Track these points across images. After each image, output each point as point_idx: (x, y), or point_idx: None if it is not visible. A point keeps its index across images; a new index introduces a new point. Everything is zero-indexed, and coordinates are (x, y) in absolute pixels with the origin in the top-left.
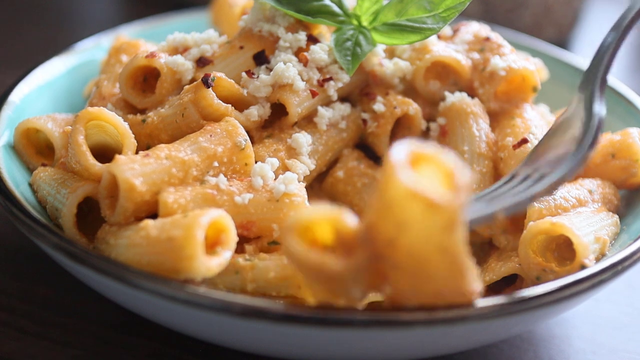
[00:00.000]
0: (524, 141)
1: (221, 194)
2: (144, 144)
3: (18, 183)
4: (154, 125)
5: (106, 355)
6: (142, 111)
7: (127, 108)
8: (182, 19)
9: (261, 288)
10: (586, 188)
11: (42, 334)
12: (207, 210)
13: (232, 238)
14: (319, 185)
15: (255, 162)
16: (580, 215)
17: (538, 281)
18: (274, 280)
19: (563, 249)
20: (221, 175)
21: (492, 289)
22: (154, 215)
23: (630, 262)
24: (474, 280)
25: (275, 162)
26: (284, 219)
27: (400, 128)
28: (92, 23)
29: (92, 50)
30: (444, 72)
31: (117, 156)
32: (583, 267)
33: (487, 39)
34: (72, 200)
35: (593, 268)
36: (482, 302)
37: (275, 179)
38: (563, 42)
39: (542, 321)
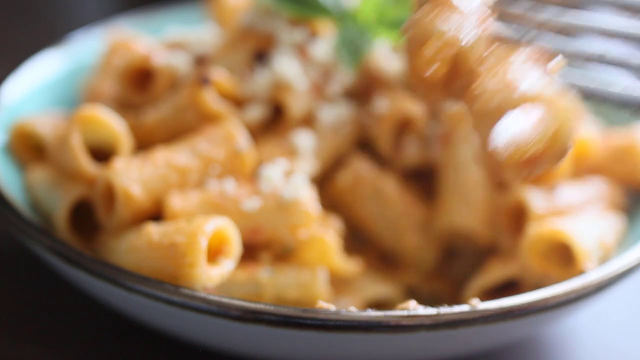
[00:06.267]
0: None
1: (228, 200)
2: (140, 144)
3: (11, 183)
4: (150, 125)
5: None
6: (139, 107)
7: (124, 105)
8: (178, 10)
9: (279, 301)
10: (591, 188)
11: (38, 338)
12: (211, 218)
13: (235, 249)
14: (319, 189)
15: (258, 164)
16: (584, 218)
17: (538, 286)
18: (294, 299)
19: (566, 251)
20: (229, 180)
21: (492, 293)
22: (154, 219)
23: (634, 267)
24: None
25: (283, 165)
26: (293, 226)
27: (405, 127)
28: (84, 14)
29: (85, 43)
30: None
31: (114, 162)
32: (583, 273)
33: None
34: (65, 202)
35: (593, 274)
36: (486, 305)
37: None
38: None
39: (546, 326)
